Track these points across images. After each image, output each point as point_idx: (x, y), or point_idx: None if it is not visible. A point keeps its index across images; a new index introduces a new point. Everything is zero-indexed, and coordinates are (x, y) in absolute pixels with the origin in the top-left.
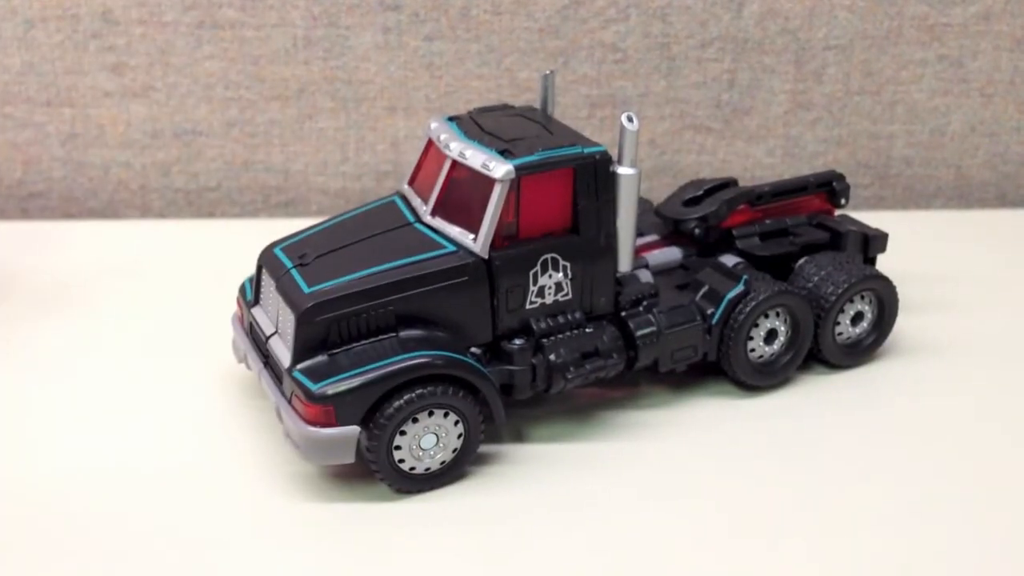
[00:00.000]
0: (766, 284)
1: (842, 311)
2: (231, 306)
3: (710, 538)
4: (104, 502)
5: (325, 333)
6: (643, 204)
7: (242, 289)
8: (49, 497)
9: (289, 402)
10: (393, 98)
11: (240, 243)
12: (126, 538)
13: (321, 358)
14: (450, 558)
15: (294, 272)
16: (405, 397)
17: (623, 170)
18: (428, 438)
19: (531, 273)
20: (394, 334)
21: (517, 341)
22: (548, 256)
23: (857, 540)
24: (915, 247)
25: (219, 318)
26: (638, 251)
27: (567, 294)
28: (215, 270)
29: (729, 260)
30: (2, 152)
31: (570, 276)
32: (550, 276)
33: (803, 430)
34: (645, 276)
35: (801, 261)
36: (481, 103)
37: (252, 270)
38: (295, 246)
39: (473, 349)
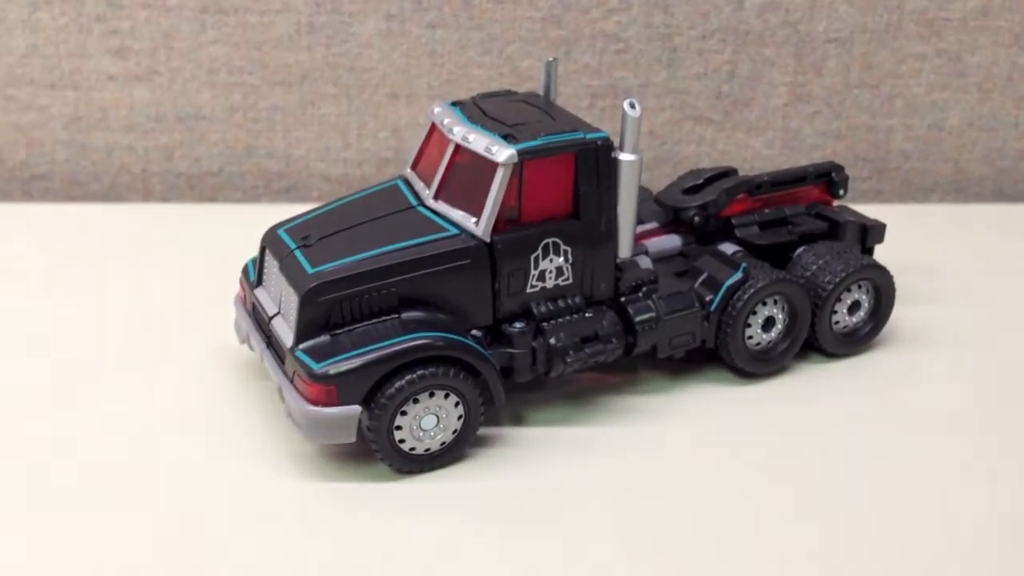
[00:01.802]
0: (764, 272)
1: (839, 300)
2: (232, 289)
3: (705, 522)
4: (105, 479)
5: (328, 313)
6: (643, 193)
7: (245, 270)
8: (50, 473)
9: (291, 381)
10: (395, 85)
11: (241, 228)
12: (127, 517)
13: (323, 338)
14: (448, 538)
15: (297, 253)
16: (406, 378)
17: (624, 156)
18: (429, 419)
19: (532, 257)
20: (396, 315)
21: (518, 324)
22: (549, 240)
23: (851, 527)
24: (912, 240)
25: (220, 300)
26: (638, 238)
27: (567, 279)
28: (216, 254)
29: (728, 248)
30: (5, 134)
31: (571, 261)
32: (551, 260)
33: (799, 417)
34: (645, 262)
35: (799, 250)
36: (482, 91)
37: (253, 254)
38: (298, 228)
39: (474, 332)
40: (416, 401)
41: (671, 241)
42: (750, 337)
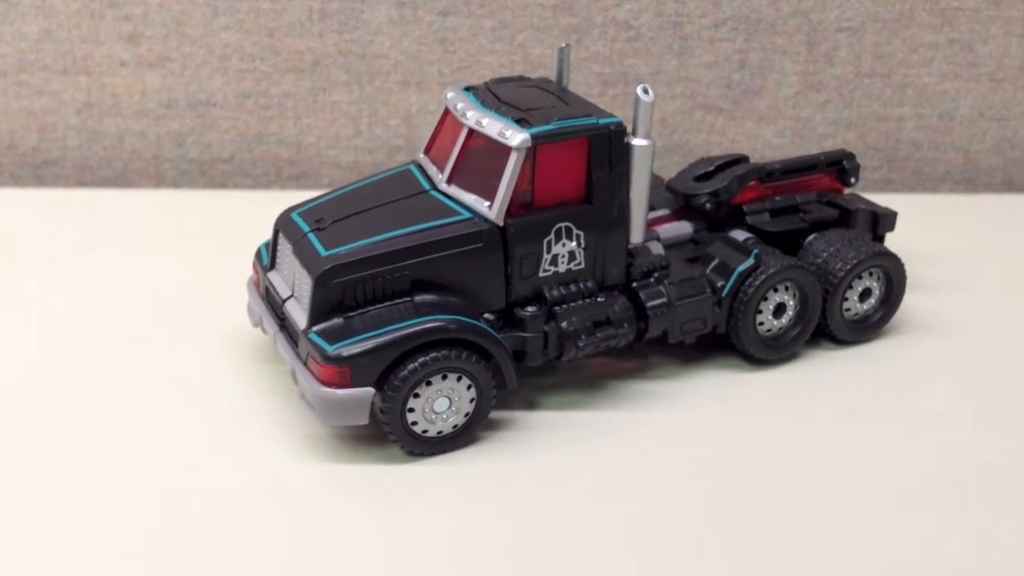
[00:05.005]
0: (776, 258)
1: (850, 287)
2: (243, 274)
3: (715, 506)
4: (117, 464)
5: (341, 296)
6: (654, 180)
7: (258, 254)
8: (60, 456)
9: (305, 364)
10: (406, 72)
11: (252, 214)
12: (141, 499)
13: (337, 320)
14: (460, 520)
15: (311, 236)
16: (419, 360)
17: (637, 141)
18: (441, 401)
19: (545, 241)
20: (409, 298)
21: (530, 308)
22: (562, 225)
23: (859, 513)
24: (922, 229)
25: (232, 285)
26: (649, 225)
27: (580, 263)
28: (227, 239)
29: (739, 235)
30: (18, 119)
31: (583, 245)
32: (563, 245)
33: (809, 403)
34: (656, 248)
35: (810, 237)
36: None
37: (264, 240)
38: (312, 211)
39: (487, 315)
40: (429, 383)
41: (682, 227)
42: (761, 323)
